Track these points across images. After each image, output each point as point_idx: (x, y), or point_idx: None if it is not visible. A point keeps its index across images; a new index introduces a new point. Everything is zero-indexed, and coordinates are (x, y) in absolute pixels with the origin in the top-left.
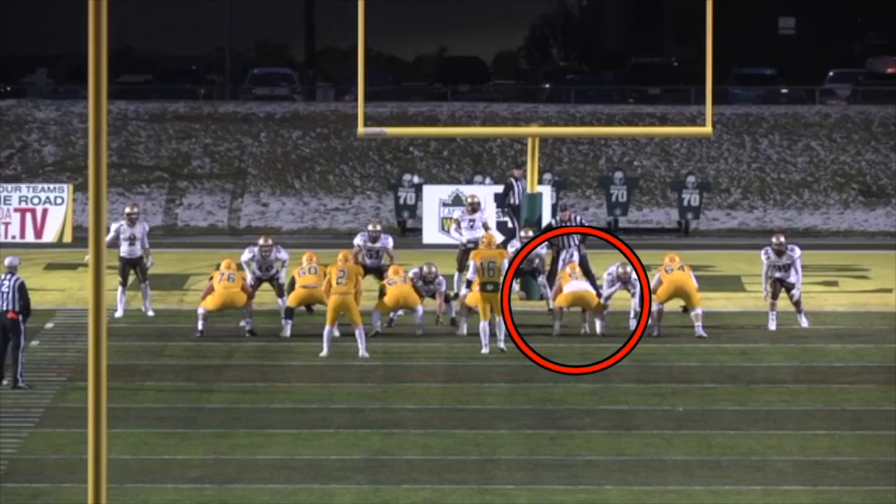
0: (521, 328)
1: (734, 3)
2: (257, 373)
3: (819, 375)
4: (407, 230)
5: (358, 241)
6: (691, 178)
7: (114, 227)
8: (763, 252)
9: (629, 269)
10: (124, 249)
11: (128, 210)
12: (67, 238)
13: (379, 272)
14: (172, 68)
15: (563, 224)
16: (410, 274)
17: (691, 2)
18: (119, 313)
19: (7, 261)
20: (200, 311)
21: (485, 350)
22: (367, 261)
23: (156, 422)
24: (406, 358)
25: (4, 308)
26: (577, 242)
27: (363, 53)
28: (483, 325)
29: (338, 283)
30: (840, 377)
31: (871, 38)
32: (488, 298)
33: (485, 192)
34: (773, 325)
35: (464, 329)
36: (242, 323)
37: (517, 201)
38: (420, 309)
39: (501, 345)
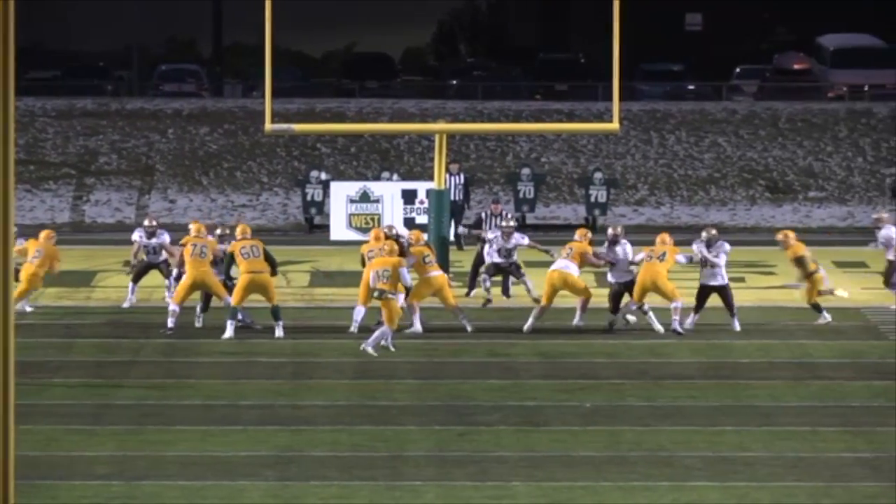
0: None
1: None
2: (165, 369)
3: (726, 371)
4: (314, 227)
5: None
6: (598, 175)
7: (135, 236)
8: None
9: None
10: (147, 257)
11: (146, 223)
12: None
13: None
14: (81, 64)
15: (494, 217)
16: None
17: None
18: (127, 304)
19: None
20: (174, 307)
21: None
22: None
23: (64, 418)
24: (315, 354)
25: None
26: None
27: (270, 50)
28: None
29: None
30: (747, 373)
31: (780, 34)
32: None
33: (392, 189)
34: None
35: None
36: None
37: (453, 197)
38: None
39: (370, 349)
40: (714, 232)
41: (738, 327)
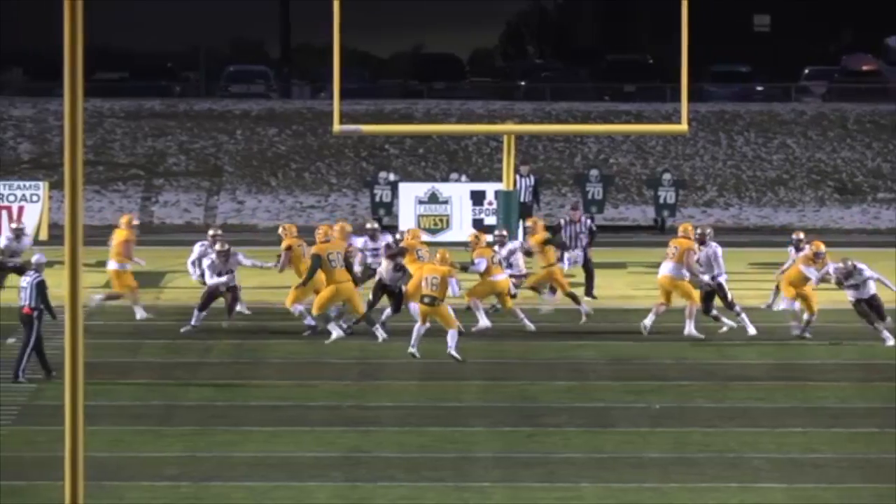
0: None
1: (710, 0)
2: (234, 370)
3: (796, 373)
4: (383, 228)
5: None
6: (667, 176)
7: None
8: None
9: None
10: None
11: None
12: (43, 236)
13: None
14: (148, 66)
15: (573, 224)
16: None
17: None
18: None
19: (35, 258)
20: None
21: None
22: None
23: (132, 419)
24: (382, 356)
25: (21, 304)
26: (584, 244)
27: (339, 51)
28: (417, 328)
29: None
30: (816, 375)
31: (848, 35)
32: (425, 311)
33: (461, 190)
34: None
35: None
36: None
37: (522, 198)
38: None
39: (453, 352)
40: (850, 263)
41: (888, 337)
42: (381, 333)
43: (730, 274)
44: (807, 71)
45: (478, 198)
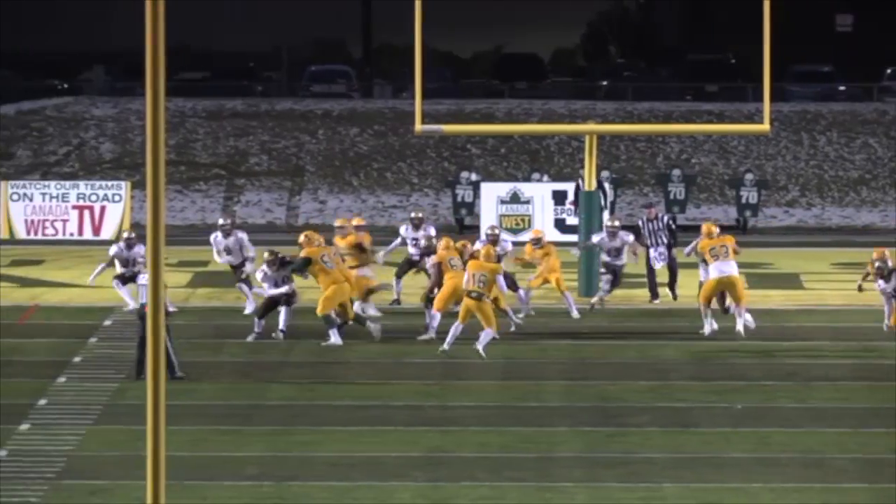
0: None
1: (791, 0)
2: (315, 370)
3: (879, 374)
4: (465, 227)
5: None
6: (749, 176)
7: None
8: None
9: None
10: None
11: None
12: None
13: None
14: (229, 65)
15: (651, 222)
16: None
17: None
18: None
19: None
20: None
21: (444, 347)
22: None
23: (214, 419)
24: (464, 356)
25: (142, 301)
26: (665, 241)
27: (420, 50)
28: (455, 326)
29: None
30: None
31: None
32: (470, 305)
33: (542, 190)
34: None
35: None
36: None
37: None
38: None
39: (481, 348)
40: (887, 253)
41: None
42: (374, 328)
43: (812, 274)
44: (889, 71)
45: (559, 197)
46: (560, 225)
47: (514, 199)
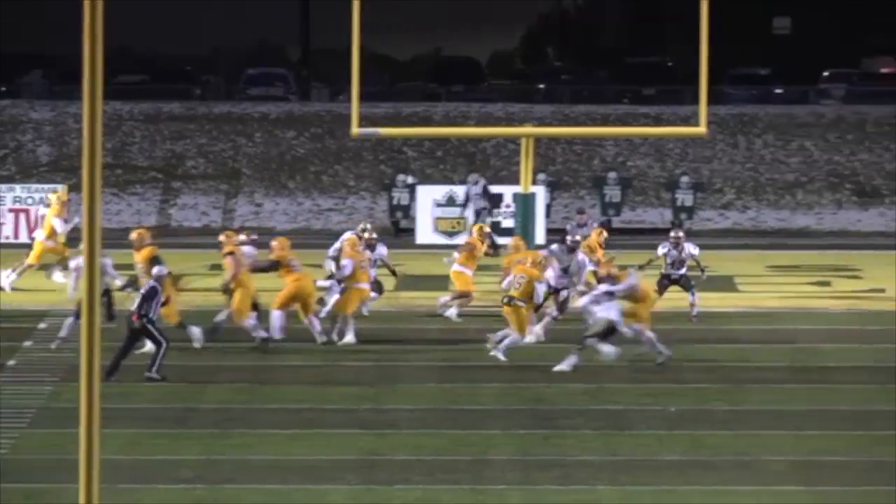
0: None
1: (729, 3)
2: (250, 373)
3: (813, 375)
4: (400, 230)
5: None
6: (685, 179)
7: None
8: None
9: None
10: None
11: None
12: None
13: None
14: (167, 69)
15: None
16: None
17: (686, 2)
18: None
19: (154, 270)
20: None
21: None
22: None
23: (149, 422)
24: (399, 358)
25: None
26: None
27: (358, 54)
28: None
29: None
30: (834, 377)
31: (870, 38)
32: (506, 311)
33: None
34: None
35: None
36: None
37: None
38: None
39: (501, 353)
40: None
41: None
42: (342, 336)
43: (747, 276)
44: (826, 73)
45: (495, 200)
46: (496, 228)
47: (450, 202)
